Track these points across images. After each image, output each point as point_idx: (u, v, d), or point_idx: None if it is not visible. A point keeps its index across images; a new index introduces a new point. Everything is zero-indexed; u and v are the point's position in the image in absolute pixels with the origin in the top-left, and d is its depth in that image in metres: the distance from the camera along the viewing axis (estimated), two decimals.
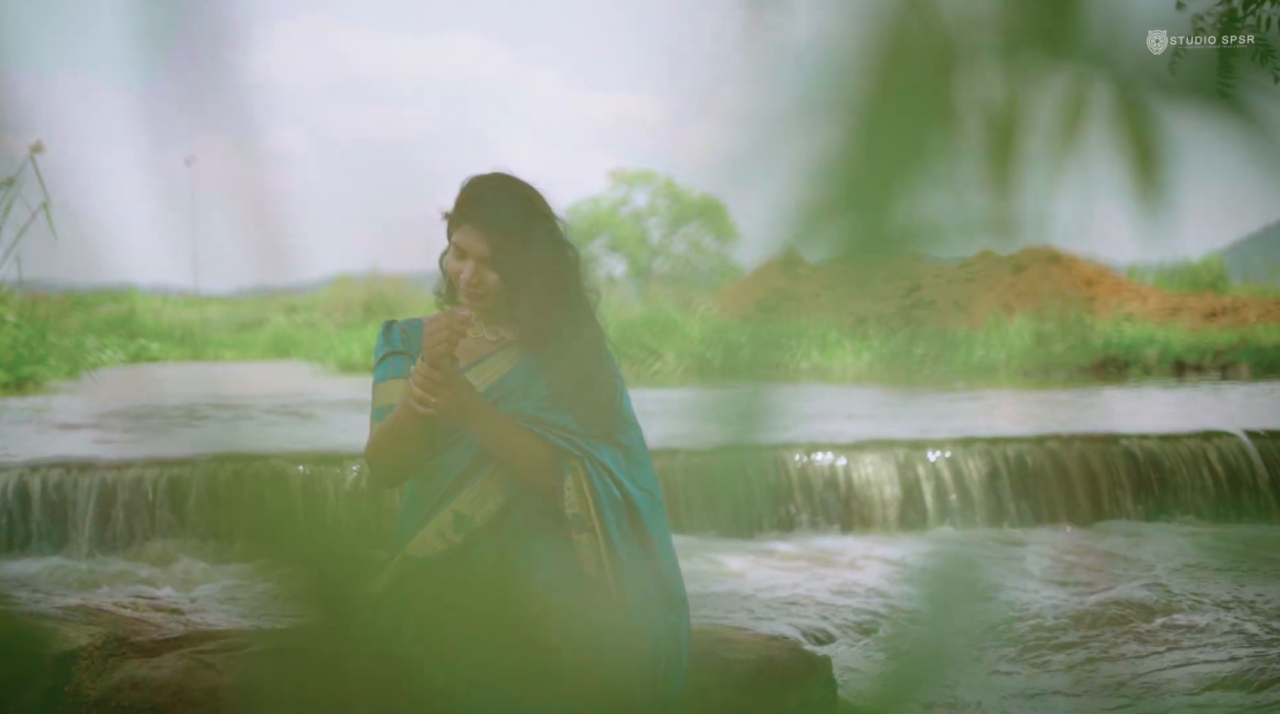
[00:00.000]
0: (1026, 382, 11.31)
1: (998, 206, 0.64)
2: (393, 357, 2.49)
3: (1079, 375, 11.58)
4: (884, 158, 0.62)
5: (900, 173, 0.62)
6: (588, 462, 2.38)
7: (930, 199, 0.63)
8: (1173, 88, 0.68)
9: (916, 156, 0.62)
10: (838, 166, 0.62)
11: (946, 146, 0.62)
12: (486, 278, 2.40)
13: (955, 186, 0.63)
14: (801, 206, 0.63)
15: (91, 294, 19.37)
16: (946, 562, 0.69)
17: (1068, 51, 0.63)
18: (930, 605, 0.67)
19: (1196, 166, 0.72)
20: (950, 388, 10.40)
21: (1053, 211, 0.66)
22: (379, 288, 19.25)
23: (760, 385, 0.70)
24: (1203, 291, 17.13)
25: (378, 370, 2.50)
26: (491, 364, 2.46)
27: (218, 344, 19.01)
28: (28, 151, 10.43)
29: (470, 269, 2.39)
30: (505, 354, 2.48)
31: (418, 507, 2.43)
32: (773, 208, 0.64)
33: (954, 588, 0.67)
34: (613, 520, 2.37)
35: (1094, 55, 0.65)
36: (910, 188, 0.62)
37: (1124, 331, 13.15)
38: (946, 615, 0.66)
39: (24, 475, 5.05)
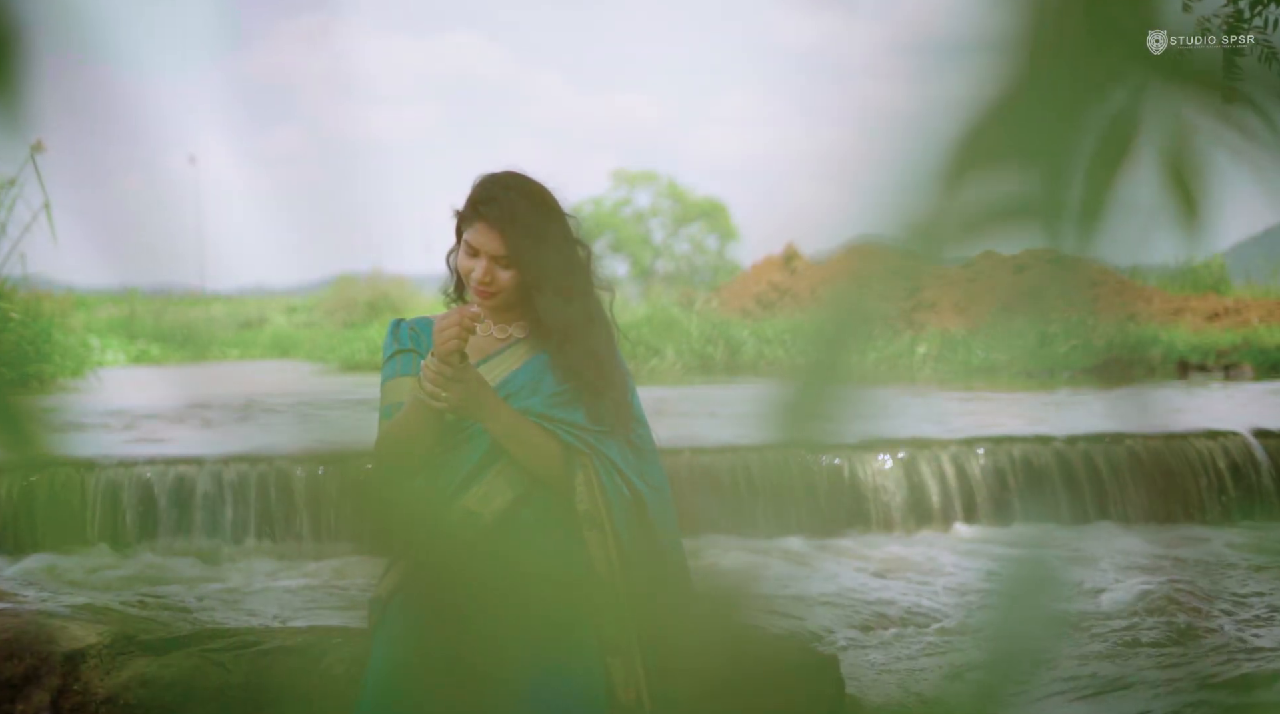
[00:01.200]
0: (1029, 383, 11.31)
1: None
2: (401, 354, 2.49)
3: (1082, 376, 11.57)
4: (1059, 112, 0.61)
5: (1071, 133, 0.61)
6: (596, 459, 2.38)
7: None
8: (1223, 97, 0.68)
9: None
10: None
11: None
12: (499, 276, 2.40)
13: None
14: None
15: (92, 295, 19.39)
16: (1022, 562, 0.68)
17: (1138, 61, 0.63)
18: (1010, 606, 0.66)
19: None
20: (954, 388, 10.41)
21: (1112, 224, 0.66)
22: (382, 287, 19.26)
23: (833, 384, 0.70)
24: (1204, 293, 17.13)
25: (386, 368, 2.50)
26: (500, 361, 2.46)
27: (222, 343, 19.02)
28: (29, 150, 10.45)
29: (482, 267, 2.39)
30: (514, 351, 2.48)
31: None
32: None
33: (1032, 588, 0.66)
34: (621, 517, 2.38)
35: (1162, 65, 0.64)
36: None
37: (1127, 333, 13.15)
38: (1026, 615, 0.66)
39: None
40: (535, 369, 2.46)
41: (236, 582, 4.57)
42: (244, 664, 2.59)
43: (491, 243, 2.39)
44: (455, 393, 2.29)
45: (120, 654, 2.63)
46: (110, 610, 2.84)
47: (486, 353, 2.47)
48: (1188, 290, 17.68)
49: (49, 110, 0.71)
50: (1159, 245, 0.70)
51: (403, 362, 2.48)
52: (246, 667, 2.58)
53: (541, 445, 2.39)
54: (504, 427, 2.36)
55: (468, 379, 2.30)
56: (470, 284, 2.42)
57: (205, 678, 2.57)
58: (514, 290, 2.42)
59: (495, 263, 2.39)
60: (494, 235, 2.38)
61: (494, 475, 2.39)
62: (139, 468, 5.08)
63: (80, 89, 0.74)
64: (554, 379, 2.44)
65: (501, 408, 2.36)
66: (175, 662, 2.60)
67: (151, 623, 2.79)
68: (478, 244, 2.40)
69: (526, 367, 2.46)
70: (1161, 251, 0.74)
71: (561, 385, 2.44)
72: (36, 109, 0.69)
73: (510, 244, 2.38)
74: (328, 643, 2.64)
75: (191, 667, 2.59)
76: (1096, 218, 0.65)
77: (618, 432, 2.43)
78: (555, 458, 2.39)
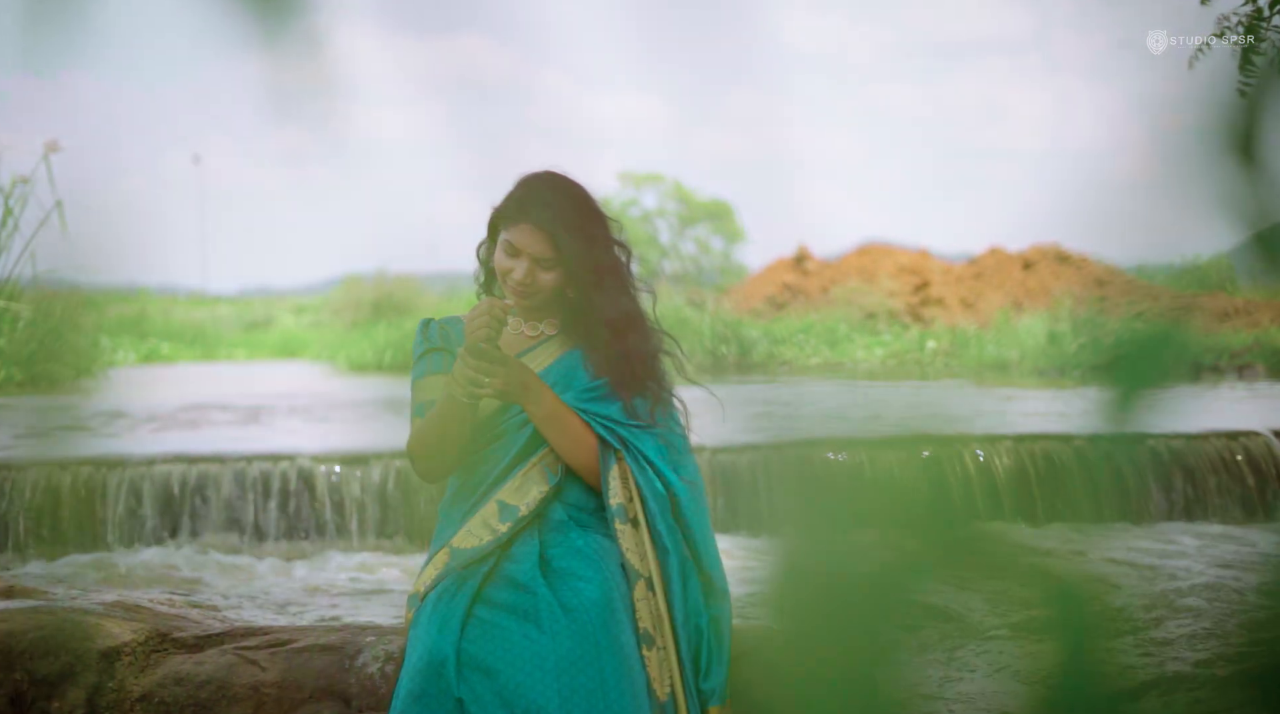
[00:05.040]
0: (1041, 380, 11.30)
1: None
2: (432, 353, 2.50)
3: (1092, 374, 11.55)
4: None
5: None
6: (628, 453, 2.39)
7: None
8: None
9: None
10: None
11: None
12: (539, 278, 2.40)
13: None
14: None
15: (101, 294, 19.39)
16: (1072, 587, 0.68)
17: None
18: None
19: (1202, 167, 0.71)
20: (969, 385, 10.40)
21: None
22: (388, 288, 19.25)
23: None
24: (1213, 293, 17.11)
25: (417, 367, 2.51)
26: (532, 358, 2.46)
27: (229, 344, 19.03)
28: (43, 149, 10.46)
29: (524, 269, 2.39)
30: (545, 348, 2.49)
31: (462, 500, 2.44)
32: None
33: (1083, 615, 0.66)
34: (655, 511, 2.38)
35: None
36: None
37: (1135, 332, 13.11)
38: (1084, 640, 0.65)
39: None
40: (567, 365, 2.47)
41: (262, 580, 4.58)
42: (278, 662, 2.59)
43: (537, 245, 2.39)
44: (499, 378, 2.29)
45: (155, 652, 2.63)
46: (141, 608, 2.83)
47: (517, 351, 2.47)
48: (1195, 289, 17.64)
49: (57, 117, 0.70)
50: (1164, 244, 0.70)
51: (433, 360, 2.49)
52: (281, 664, 2.58)
53: (582, 434, 2.39)
54: (547, 410, 2.37)
55: (510, 363, 2.31)
56: (507, 283, 2.42)
57: (239, 675, 2.57)
58: (551, 291, 2.43)
59: (537, 265, 2.40)
60: (540, 237, 2.38)
61: (528, 468, 2.40)
62: (160, 466, 5.08)
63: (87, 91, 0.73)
64: (587, 375, 2.45)
65: (546, 391, 2.38)
66: (210, 659, 2.60)
67: (184, 620, 2.79)
68: (521, 245, 2.39)
69: (558, 363, 2.47)
70: (1167, 250, 0.73)
71: (595, 381, 2.44)
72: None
73: (558, 247, 2.38)
74: (361, 640, 2.64)
75: (226, 664, 2.59)
76: None
77: (653, 427, 2.44)
78: (593, 449, 2.40)
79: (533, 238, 2.39)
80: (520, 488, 2.40)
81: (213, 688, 2.55)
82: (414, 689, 2.20)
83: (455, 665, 2.20)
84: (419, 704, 2.19)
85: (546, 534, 2.40)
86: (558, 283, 2.42)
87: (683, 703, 2.32)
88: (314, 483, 5.07)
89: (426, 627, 2.27)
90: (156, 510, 5.00)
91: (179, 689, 2.55)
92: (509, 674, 2.20)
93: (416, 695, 2.20)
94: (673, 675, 2.33)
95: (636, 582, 2.37)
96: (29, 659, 2.54)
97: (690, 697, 2.34)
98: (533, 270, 2.40)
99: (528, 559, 2.35)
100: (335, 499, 5.07)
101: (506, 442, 2.43)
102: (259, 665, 2.58)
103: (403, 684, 2.24)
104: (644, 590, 2.37)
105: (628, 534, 2.40)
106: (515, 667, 2.21)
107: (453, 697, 2.18)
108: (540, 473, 2.41)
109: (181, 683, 2.56)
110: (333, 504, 5.06)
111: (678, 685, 2.33)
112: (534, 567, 2.33)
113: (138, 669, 2.59)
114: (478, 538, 2.37)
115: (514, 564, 2.35)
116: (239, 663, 2.59)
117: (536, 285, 2.41)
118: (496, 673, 2.20)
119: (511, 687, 2.19)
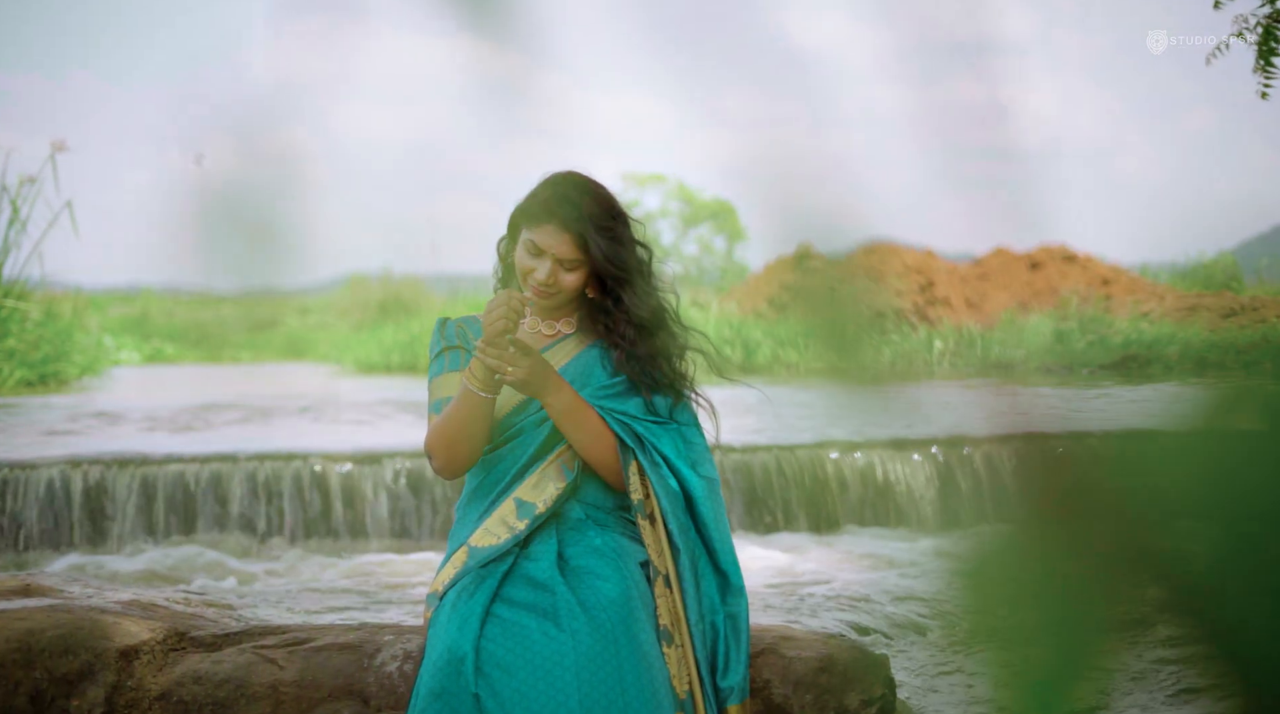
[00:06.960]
0: (1049, 379, 11.28)
1: None
2: (449, 351, 2.50)
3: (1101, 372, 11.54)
4: None
5: None
6: (642, 450, 2.39)
7: None
8: None
9: None
10: None
11: None
12: (562, 278, 2.40)
13: None
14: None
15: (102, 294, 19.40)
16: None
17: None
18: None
19: (1204, 167, 0.70)
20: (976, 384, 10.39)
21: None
22: (394, 288, 19.22)
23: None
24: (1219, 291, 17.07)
25: (434, 365, 2.51)
26: (550, 356, 2.46)
27: (234, 345, 19.00)
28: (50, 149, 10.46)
29: (547, 269, 2.39)
30: (563, 346, 2.49)
31: (480, 498, 2.44)
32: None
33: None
34: (668, 509, 2.38)
35: None
36: None
37: (1143, 330, 13.11)
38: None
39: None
40: (585, 363, 2.47)
41: (278, 578, 4.58)
42: (296, 661, 2.58)
43: (562, 246, 2.38)
44: (521, 368, 2.29)
45: (173, 650, 2.63)
46: (158, 607, 2.83)
47: (535, 348, 2.47)
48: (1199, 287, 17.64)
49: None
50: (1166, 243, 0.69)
51: (450, 358, 2.49)
52: (299, 663, 2.58)
53: (599, 429, 2.39)
54: (566, 403, 2.37)
55: (530, 353, 2.30)
56: (529, 282, 2.42)
57: (258, 674, 2.56)
58: (572, 292, 2.43)
59: (560, 265, 2.39)
60: (566, 238, 2.38)
61: (545, 466, 2.40)
62: (172, 465, 5.08)
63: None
64: (605, 372, 2.45)
65: (565, 385, 2.37)
66: (228, 658, 2.60)
67: (201, 619, 2.79)
68: (545, 245, 2.39)
69: (576, 360, 2.47)
70: (1171, 249, 0.72)
71: (614, 379, 2.44)
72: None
73: (584, 249, 2.38)
74: (380, 639, 2.64)
75: (244, 663, 2.58)
76: None
77: (671, 423, 2.44)
78: (611, 445, 2.40)
79: (558, 238, 2.38)
80: (538, 485, 2.39)
81: (231, 687, 2.55)
82: (433, 687, 2.20)
83: (474, 663, 2.20)
84: (438, 702, 2.19)
85: (565, 533, 2.40)
86: (579, 284, 2.42)
87: (700, 701, 2.31)
88: (327, 483, 5.07)
89: (445, 625, 2.27)
90: (168, 509, 5.00)
91: (197, 688, 2.55)
92: (528, 672, 2.19)
93: (436, 693, 2.19)
94: (690, 673, 2.33)
95: (657, 578, 2.37)
96: (49, 657, 2.54)
97: (707, 695, 2.33)
98: (555, 271, 2.40)
99: (546, 558, 2.35)
100: (348, 498, 5.07)
101: (524, 438, 2.43)
102: (277, 664, 2.58)
103: (422, 682, 2.24)
104: (663, 587, 2.37)
105: (648, 530, 2.40)
106: (534, 665, 2.20)
107: (471, 694, 2.18)
108: (557, 469, 2.40)
109: (200, 682, 2.56)
110: (345, 503, 5.06)
111: (695, 683, 2.32)
112: (552, 565, 2.33)
113: (156, 668, 2.58)
114: (495, 536, 2.37)
115: (532, 563, 2.34)
116: (257, 662, 2.58)
117: (558, 286, 2.41)
118: (515, 671, 2.19)
119: (530, 685, 2.18)
